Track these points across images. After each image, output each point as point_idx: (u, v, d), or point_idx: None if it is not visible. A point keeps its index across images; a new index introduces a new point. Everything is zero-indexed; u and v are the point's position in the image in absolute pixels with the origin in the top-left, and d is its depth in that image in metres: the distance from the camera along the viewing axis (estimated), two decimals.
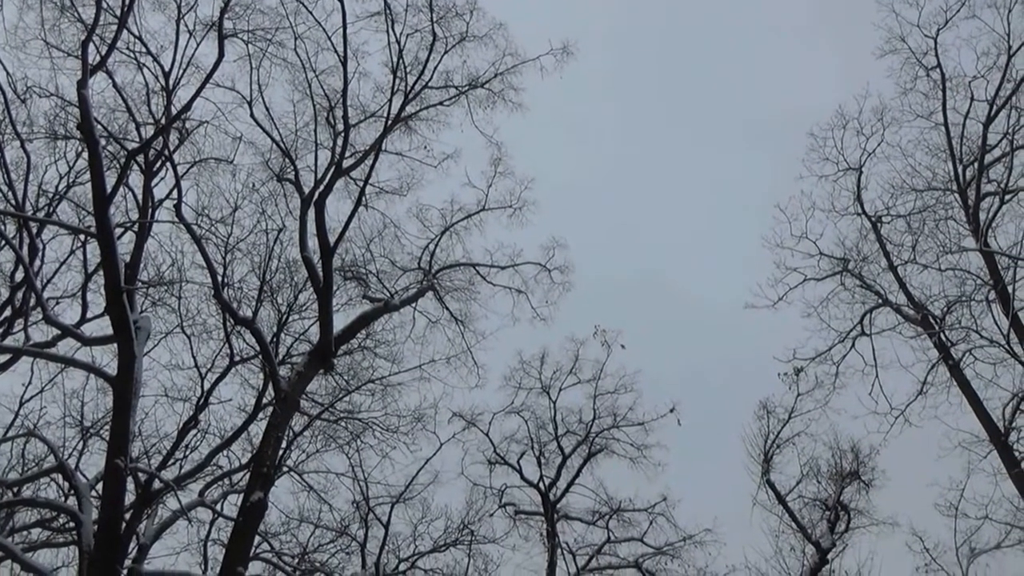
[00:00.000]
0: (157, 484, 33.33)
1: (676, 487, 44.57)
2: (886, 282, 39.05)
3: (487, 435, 44.19)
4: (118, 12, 30.50)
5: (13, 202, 36.91)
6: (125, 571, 31.83)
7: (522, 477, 44.50)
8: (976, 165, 36.75)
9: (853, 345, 39.06)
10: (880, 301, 38.88)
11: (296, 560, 41.01)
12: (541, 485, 44.17)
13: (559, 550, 43.40)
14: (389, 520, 38.56)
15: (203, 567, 38.06)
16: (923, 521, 38.50)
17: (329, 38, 33.70)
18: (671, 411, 43.41)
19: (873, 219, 39.09)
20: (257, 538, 35.91)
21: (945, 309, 37.27)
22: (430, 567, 42.73)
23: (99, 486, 32.24)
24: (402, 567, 41.45)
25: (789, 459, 41.93)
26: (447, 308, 38.29)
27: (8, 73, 33.59)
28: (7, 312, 38.52)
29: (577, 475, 44.15)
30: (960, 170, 37.42)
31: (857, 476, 40.96)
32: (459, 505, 43.76)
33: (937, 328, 36.77)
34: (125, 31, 31.21)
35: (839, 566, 40.09)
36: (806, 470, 41.70)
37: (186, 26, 32.06)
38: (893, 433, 37.98)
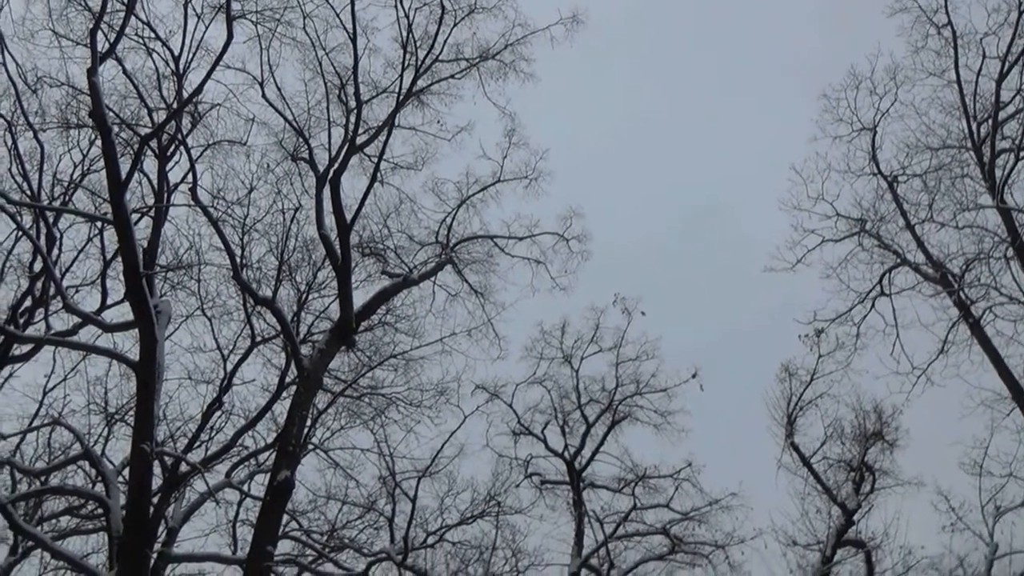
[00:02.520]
0: (184, 467, 33.51)
1: (700, 452, 44.54)
2: (904, 241, 38.95)
3: (511, 406, 44.24)
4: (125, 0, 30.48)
5: (29, 192, 36.99)
6: (155, 555, 32.01)
7: (547, 447, 44.53)
8: (990, 122, 36.62)
9: (873, 306, 38.99)
10: (898, 261, 38.78)
11: (325, 537, 41.14)
12: (566, 454, 44.18)
13: (586, 518, 43.44)
14: (416, 494, 38.57)
15: (232, 548, 38.24)
16: (948, 480, 38.59)
17: (337, 15, 33.62)
18: (693, 376, 43.30)
19: (889, 179, 38.98)
20: (285, 517, 36.02)
21: (964, 267, 37.14)
22: (458, 539, 42.87)
23: (126, 471, 32.43)
24: (430, 540, 41.56)
25: (812, 421, 41.93)
26: (466, 281, 38.33)
27: (18, 64, 33.66)
28: (27, 302, 38.69)
29: (602, 443, 44.15)
30: (974, 127, 37.29)
31: (881, 436, 40.91)
32: (485, 477, 43.81)
33: (956, 286, 36.69)
34: (133, 17, 31.17)
35: (865, 527, 40.15)
36: (830, 432, 41.69)
37: (194, 9, 32.03)
38: (915, 393, 37.97)
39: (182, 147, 33.90)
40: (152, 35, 33.18)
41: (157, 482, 32.62)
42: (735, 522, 42.64)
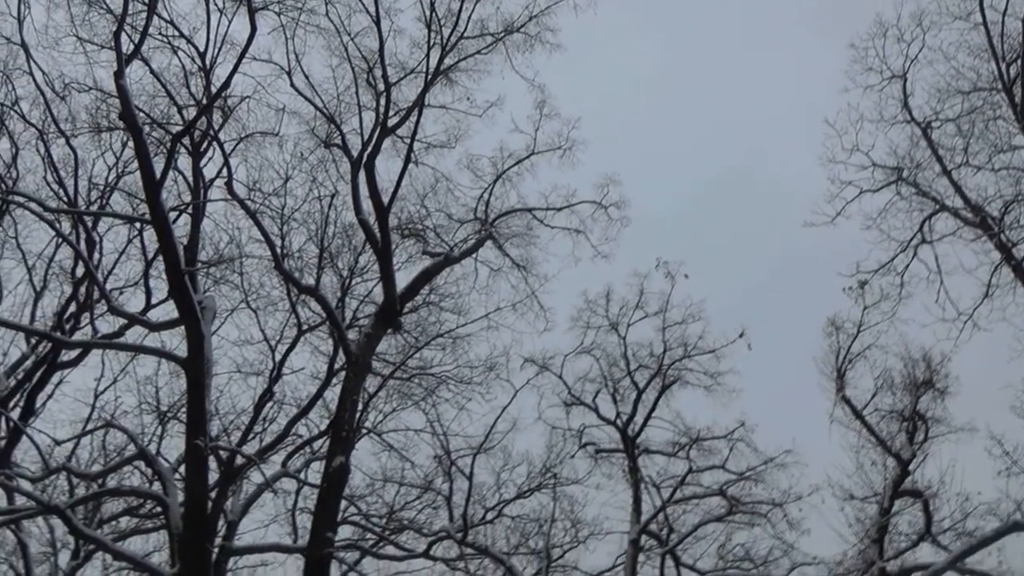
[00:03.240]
0: (239, 460, 33.68)
1: (752, 411, 44.31)
2: (941, 187, 38.61)
3: (560, 377, 43.97)
4: (146, 0, 30.52)
5: (66, 199, 37.25)
6: (216, 549, 32.20)
7: (599, 416, 44.36)
8: (1019, 62, 36.30)
9: (915, 254, 38.73)
10: (937, 207, 38.51)
11: (384, 520, 41.24)
12: (619, 422, 44.02)
13: (643, 485, 43.34)
14: (472, 471, 38.57)
15: (293, 537, 38.38)
16: (1001, 425, 38.14)
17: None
18: (740, 336, 43.07)
19: (922, 125, 38.69)
20: (343, 502, 36.17)
21: (1003, 209, 36.84)
22: (516, 514, 42.90)
23: (182, 468, 32.60)
24: (489, 516, 41.63)
25: (862, 373, 41.60)
26: (507, 255, 38.21)
27: (44, 73, 33.76)
28: (72, 308, 38.94)
29: (653, 408, 43.95)
30: (1004, 68, 36.94)
31: (931, 385, 40.60)
32: (539, 450, 43.78)
33: (997, 229, 36.44)
34: (155, 17, 31.23)
35: (921, 476, 39.83)
36: (880, 383, 41.34)
37: (216, 4, 32.01)
38: (963, 339, 37.71)
39: (215, 142, 34.01)
40: (176, 33, 33.19)
41: (214, 477, 32.89)
42: (791, 479, 42.47)
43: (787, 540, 42.06)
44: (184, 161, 34.10)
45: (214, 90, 31.88)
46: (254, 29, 30.13)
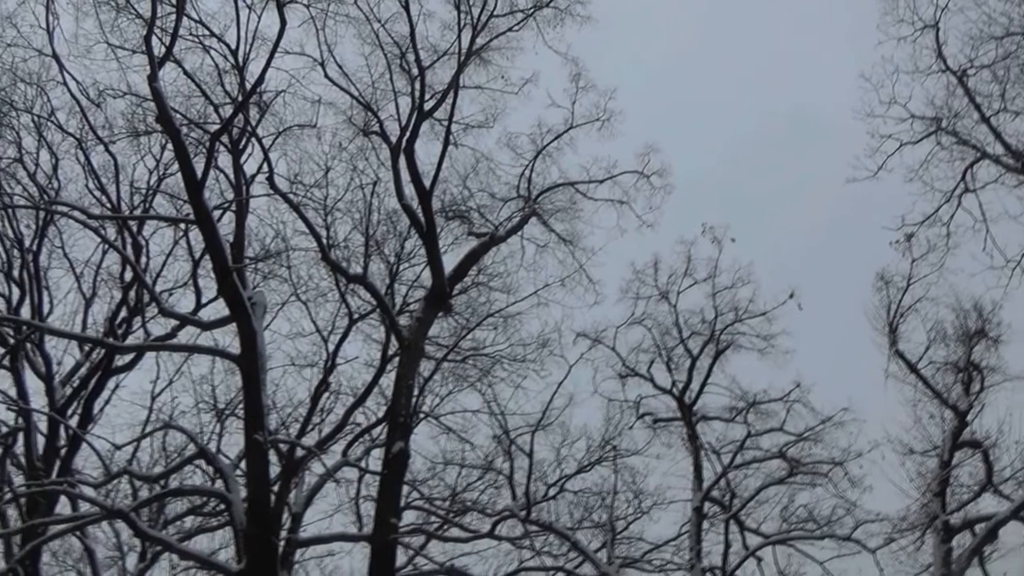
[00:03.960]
0: (299, 452, 33.68)
1: (807, 372, 44.15)
2: (981, 135, 38.13)
3: (614, 349, 43.89)
4: (174, 1, 30.53)
5: (109, 205, 37.45)
6: (282, 542, 32.28)
7: (655, 385, 44.28)
8: None
9: (960, 203, 38.32)
10: (978, 155, 38.12)
11: (447, 502, 41.31)
12: (675, 390, 43.92)
13: (702, 452, 43.30)
14: (532, 448, 38.60)
15: (357, 525, 38.47)
16: None
17: None
18: (790, 297, 42.88)
19: (958, 74, 38.29)
20: (405, 487, 36.21)
21: None
22: (578, 488, 42.94)
23: (243, 464, 32.68)
24: (551, 492, 41.67)
25: (914, 327, 41.37)
26: (553, 231, 38.01)
27: (78, 82, 33.86)
28: (123, 312, 39.15)
29: (708, 375, 43.84)
30: None
31: (984, 334, 40.35)
32: (597, 423, 43.74)
33: None
34: (185, 18, 31.24)
35: (979, 426, 39.63)
36: (933, 335, 41.12)
37: (244, 1, 31.99)
38: (1012, 286, 37.43)
39: (253, 138, 34.00)
40: (207, 32, 33.21)
41: (275, 471, 32.88)
42: (850, 437, 42.26)
43: (849, 498, 41.98)
44: (224, 159, 34.12)
45: (249, 86, 31.89)
46: (284, 23, 30.15)
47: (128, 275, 38.69)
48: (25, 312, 38.81)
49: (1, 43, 33.35)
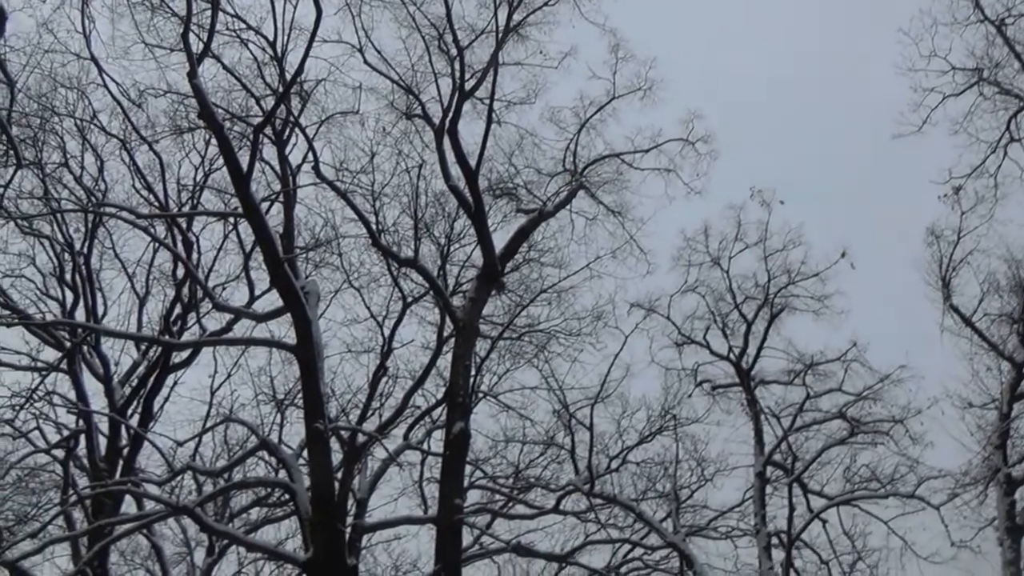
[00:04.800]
0: (361, 438, 33.75)
1: (862, 331, 44.01)
2: (1023, 84, 38.12)
3: (668, 318, 43.91)
4: None
5: (157, 203, 37.56)
6: (348, 529, 32.38)
7: (711, 352, 44.26)
8: None
9: (1006, 153, 38.06)
10: (1022, 104, 37.96)
11: (510, 480, 41.49)
12: (731, 356, 43.87)
13: (762, 416, 43.28)
14: (592, 422, 38.50)
15: (422, 507, 38.53)
16: None
17: None
18: (842, 256, 42.73)
19: (996, 23, 38.05)
20: (468, 467, 36.43)
21: None
22: (641, 459, 43.01)
23: (305, 453, 32.75)
24: (613, 464, 41.68)
25: (967, 280, 41.19)
26: (601, 203, 37.85)
27: (118, 83, 33.90)
28: (177, 309, 39.32)
29: (764, 339, 43.73)
30: None
31: None
32: (656, 393, 43.70)
33: None
34: (221, 13, 31.20)
35: None
36: (986, 287, 40.95)
37: None
38: None
39: (296, 128, 34.07)
40: (243, 26, 33.14)
41: (337, 458, 33.06)
42: (909, 394, 42.09)
43: (911, 455, 41.88)
44: (269, 151, 34.16)
45: (289, 77, 31.77)
46: (320, 11, 30.03)
47: (180, 272, 38.86)
48: (80, 315, 39.01)
49: (39, 50, 33.34)
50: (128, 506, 37.54)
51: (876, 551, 42.62)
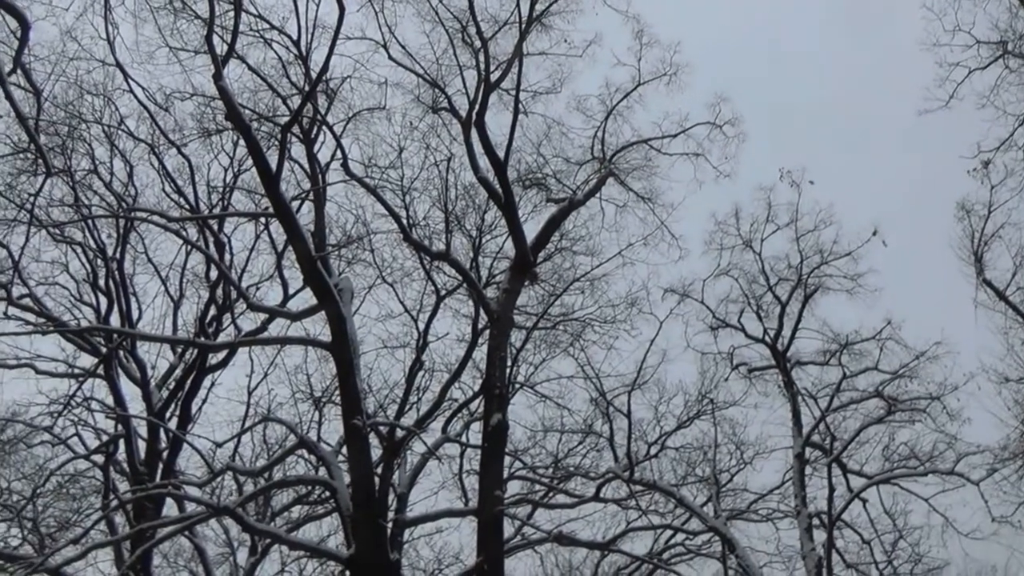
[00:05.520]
0: (399, 433, 33.81)
1: (896, 308, 43.95)
2: None
3: (702, 303, 43.79)
4: None
5: (187, 206, 37.68)
6: (389, 524, 32.44)
7: (746, 335, 44.16)
8: None
9: None
10: None
11: (550, 470, 41.55)
12: (767, 338, 43.78)
13: (799, 397, 43.20)
14: (629, 409, 38.60)
15: (463, 500, 38.67)
16: None
17: None
18: (874, 234, 42.57)
19: None
20: (508, 458, 36.51)
21: None
22: (679, 444, 43.09)
23: (344, 450, 32.78)
24: (652, 451, 41.77)
25: (999, 254, 40.86)
26: (631, 189, 37.83)
27: (144, 88, 33.92)
28: (212, 311, 39.44)
29: (799, 320, 43.60)
30: None
31: None
32: (692, 377, 43.82)
33: None
34: (244, 14, 31.22)
35: None
36: (1019, 261, 40.61)
37: None
38: None
39: (324, 126, 34.15)
40: (267, 26, 33.24)
41: (377, 453, 33.07)
42: (945, 371, 41.98)
43: (949, 432, 41.73)
44: (297, 150, 34.20)
45: (314, 76, 31.80)
46: (343, 9, 30.01)
47: (213, 274, 38.98)
48: (114, 320, 39.14)
49: (64, 58, 33.36)
50: (169, 509, 37.73)
51: (917, 529, 42.74)
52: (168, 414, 39.29)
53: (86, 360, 38.77)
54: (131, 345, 39.09)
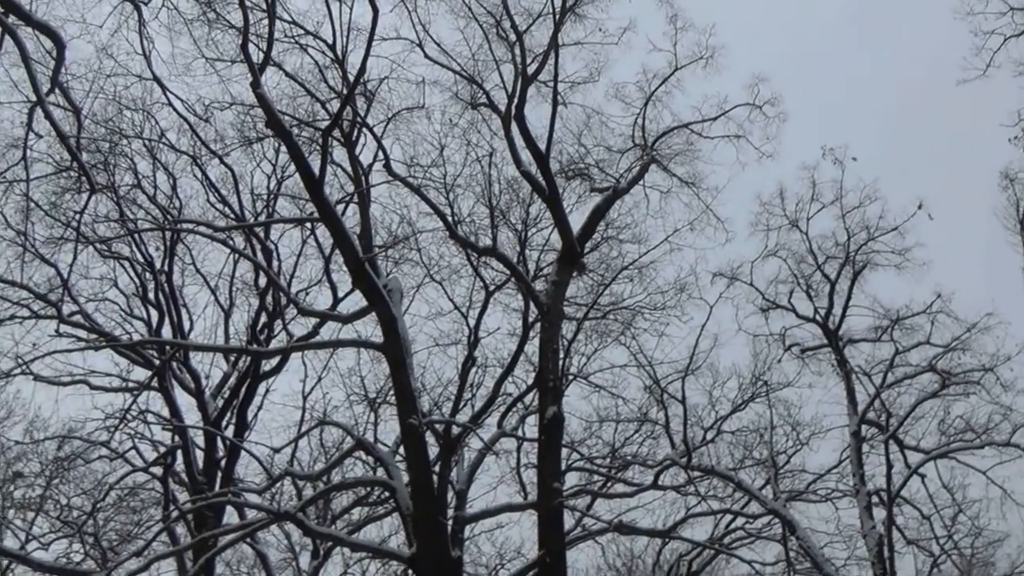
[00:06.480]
0: (455, 430, 33.86)
1: (945, 281, 43.95)
2: None
3: (752, 284, 43.72)
4: (264, 7, 30.64)
5: (233, 215, 37.82)
6: (450, 521, 32.51)
7: (797, 315, 44.06)
8: None
9: None
10: None
11: (607, 459, 41.54)
12: (818, 317, 43.63)
13: (853, 375, 43.10)
14: (684, 395, 38.61)
15: (522, 494, 38.67)
16: None
17: None
18: (919, 208, 42.46)
19: None
20: (565, 450, 36.49)
21: None
22: (735, 428, 43.14)
23: (401, 450, 32.87)
24: (709, 436, 41.79)
25: None
26: (674, 175, 37.70)
27: (183, 100, 34.01)
28: (263, 318, 39.61)
29: (849, 297, 43.42)
30: None
31: None
32: (745, 360, 43.83)
33: None
34: (278, 21, 31.26)
35: None
36: None
37: None
38: None
39: (364, 128, 34.09)
40: (301, 31, 33.29)
41: (434, 451, 33.07)
42: (997, 342, 41.92)
43: (1004, 403, 41.74)
44: (339, 153, 34.21)
45: (352, 78, 31.83)
46: (376, 10, 30.02)
47: (262, 281, 39.17)
48: (166, 332, 39.38)
49: (101, 75, 33.49)
50: (230, 516, 37.93)
51: (976, 502, 42.71)
52: (224, 423, 39.53)
53: (140, 374, 39.04)
54: (184, 356, 39.32)
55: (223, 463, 38.83)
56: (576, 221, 34.92)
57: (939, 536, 42.83)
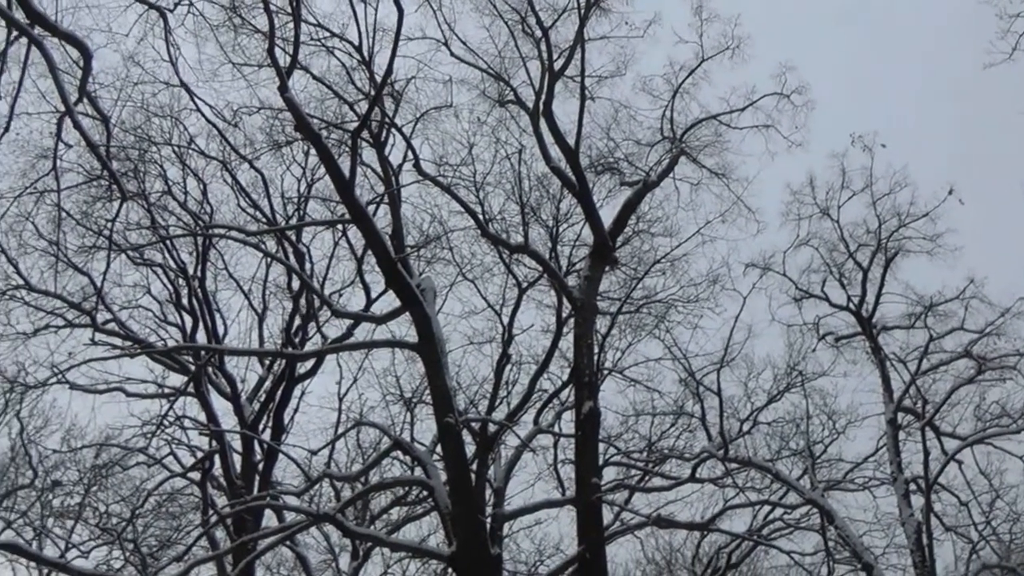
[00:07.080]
0: (492, 428, 33.90)
1: (978, 266, 43.83)
2: None
3: (784, 275, 43.59)
4: (289, 10, 30.66)
5: (264, 219, 37.90)
6: (488, 519, 32.49)
7: (831, 304, 43.90)
8: None
9: None
10: None
11: (644, 453, 41.50)
12: (851, 305, 43.47)
13: (888, 363, 42.97)
14: (719, 387, 38.47)
15: (560, 490, 38.74)
16: None
17: None
18: (949, 193, 42.28)
19: None
20: (601, 445, 36.35)
21: None
22: (772, 419, 43.02)
23: (438, 449, 32.91)
24: (745, 427, 41.68)
25: None
26: (704, 167, 37.63)
27: (211, 106, 34.04)
28: (297, 321, 39.71)
29: (882, 284, 43.26)
30: None
31: None
32: (780, 350, 43.79)
33: None
34: (303, 24, 31.28)
35: None
36: None
37: None
38: None
39: (393, 129, 34.06)
40: (327, 34, 33.33)
41: (471, 449, 33.10)
42: None
43: None
44: (368, 154, 34.20)
45: (379, 79, 31.80)
46: (401, 10, 29.99)
47: (295, 284, 39.32)
48: (201, 337, 39.57)
49: (128, 83, 33.61)
50: (269, 519, 38.10)
51: (1014, 488, 42.55)
52: (261, 426, 39.67)
53: (175, 380, 39.29)
54: (219, 361, 39.45)
55: (261, 466, 38.95)
56: (607, 215, 34.92)
57: (977, 522, 42.64)
